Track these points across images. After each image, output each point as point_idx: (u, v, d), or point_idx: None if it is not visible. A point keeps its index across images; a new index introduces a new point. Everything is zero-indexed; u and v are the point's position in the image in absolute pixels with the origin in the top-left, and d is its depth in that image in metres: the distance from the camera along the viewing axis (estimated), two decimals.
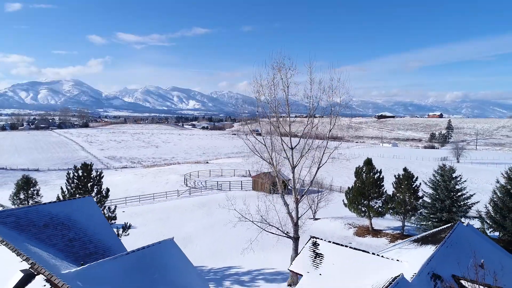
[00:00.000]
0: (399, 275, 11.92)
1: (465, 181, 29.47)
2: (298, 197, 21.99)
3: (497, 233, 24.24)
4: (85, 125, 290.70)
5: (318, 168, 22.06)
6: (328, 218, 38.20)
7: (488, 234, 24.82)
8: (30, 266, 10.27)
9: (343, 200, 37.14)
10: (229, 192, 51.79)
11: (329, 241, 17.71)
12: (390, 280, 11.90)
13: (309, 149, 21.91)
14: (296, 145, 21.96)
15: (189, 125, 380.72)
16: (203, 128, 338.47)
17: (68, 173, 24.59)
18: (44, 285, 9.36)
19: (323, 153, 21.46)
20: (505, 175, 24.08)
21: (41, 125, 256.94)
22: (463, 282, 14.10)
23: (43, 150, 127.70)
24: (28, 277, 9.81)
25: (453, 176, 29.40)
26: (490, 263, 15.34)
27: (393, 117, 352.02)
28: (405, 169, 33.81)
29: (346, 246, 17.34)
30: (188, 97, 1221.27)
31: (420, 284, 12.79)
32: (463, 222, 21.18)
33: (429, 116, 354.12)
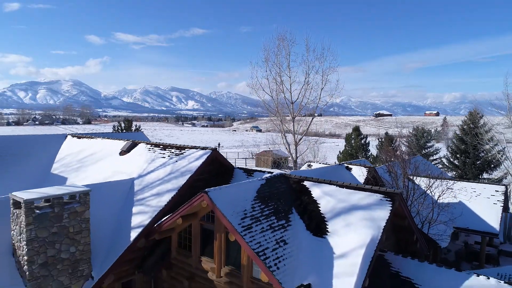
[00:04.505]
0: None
1: (434, 139, 35.87)
2: (296, 140, 28.33)
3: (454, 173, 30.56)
4: (88, 122, 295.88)
5: (312, 119, 28.52)
6: None
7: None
8: (131, 141, 16.55)
9: (334, 162, 43.44)
10: None
11: (320, 163, 24.05)
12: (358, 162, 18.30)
13: (306, 104, 28.36)
14: (296, 100, 28.31)
15: (189, 124, 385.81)
16: (203, 126, 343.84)
17: (114, 126, 30.79)
18: (146, 146, 15.64)
19: (317, 105, 27.98)
20: (460, 127, 30.43)
21: (45, 122, 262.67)
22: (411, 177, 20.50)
23: None
24: (134, 144, 16.10)
25: (424, 136, 35.84)
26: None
27: (390, 115, 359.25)
28: (386, 133, 40.20)
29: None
30: (187, 97, 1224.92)
31: (382, 173, 19.16)
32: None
33: (426, 115, 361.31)
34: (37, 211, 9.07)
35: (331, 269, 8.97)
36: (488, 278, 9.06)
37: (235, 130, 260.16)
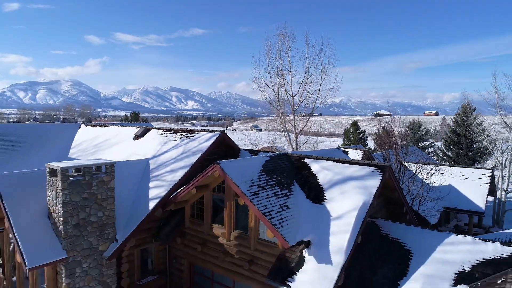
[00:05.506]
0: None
1: (429, 132, 37.19)
2: (297, 132, 29.61)
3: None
4: (89, 121, 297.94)
5: (311, 113, 29.87)
6: None
7: None
8: (144, 127, 17.83)
9: None
10: None
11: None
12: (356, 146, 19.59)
13: (305, 98, 29.66)
14: (296, 94, 29.62)
15: (189, 123, 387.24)
16: (203, 126, 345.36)
17: (121, 118, 32.04)
18: (158, 131, 16.92)
19: (316, 100, 29.27)
20: (454, 120, 31.74)
21: (46, 121, 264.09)
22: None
23: None
24: (146, 129, 17.39)
25: (420, 129, 37.15)
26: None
27: (390, 115, 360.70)
28: (383, 128, 41.44)
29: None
30: (187, 98, 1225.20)
31: (378, 157, 20.44)
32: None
33: (425, 114, 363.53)
34: (71, 178, 10.36)
35: (328, 228, 10.26)
36: (465, 237, 10.35)
37: (235, 130, 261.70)
